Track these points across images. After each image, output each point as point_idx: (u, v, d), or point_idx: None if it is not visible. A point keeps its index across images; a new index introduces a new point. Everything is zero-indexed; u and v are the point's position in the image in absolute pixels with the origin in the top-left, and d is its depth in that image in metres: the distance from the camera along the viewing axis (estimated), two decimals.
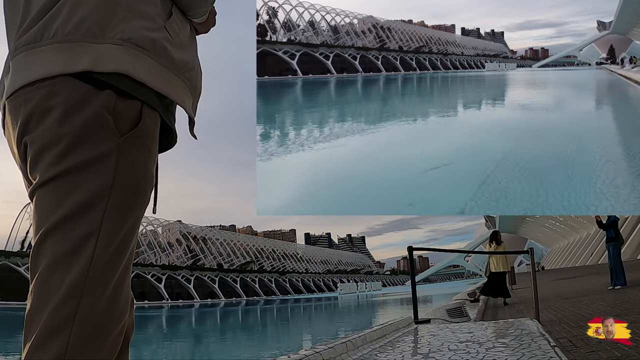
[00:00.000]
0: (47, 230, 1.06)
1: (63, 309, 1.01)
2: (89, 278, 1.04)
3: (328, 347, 3.29)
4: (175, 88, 1.20)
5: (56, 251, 1.05)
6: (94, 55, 1.09)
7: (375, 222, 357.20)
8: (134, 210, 1.12)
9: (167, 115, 1.21)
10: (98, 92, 1.09)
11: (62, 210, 1.06)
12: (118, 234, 1.08)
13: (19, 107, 1.11)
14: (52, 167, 1.07)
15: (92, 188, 1.06)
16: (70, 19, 1.11)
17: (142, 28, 1.15)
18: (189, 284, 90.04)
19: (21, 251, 78.99)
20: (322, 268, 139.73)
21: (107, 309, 1.05)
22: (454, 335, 4.24)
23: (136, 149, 1.12)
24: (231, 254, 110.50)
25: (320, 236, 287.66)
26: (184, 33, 1.25)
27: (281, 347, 12.07)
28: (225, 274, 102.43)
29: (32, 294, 1.05)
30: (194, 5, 1.27)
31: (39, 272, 1.05)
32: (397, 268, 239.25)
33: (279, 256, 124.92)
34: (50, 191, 1.07)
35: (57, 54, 1.09)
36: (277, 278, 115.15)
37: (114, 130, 1.09)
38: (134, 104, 1.12)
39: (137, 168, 1.12)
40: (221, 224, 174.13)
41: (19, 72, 1.12)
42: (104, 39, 1.11)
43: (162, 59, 1.17)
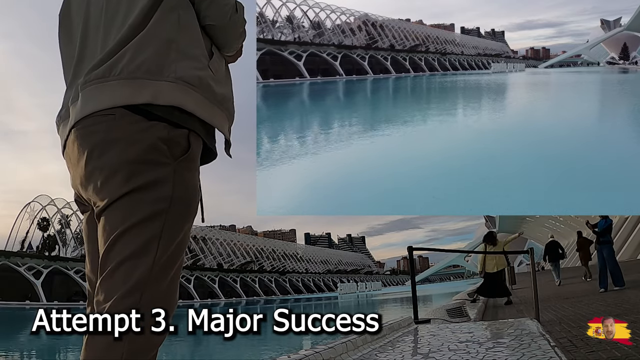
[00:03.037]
0: (118, 235, 1.26)
1: (130, 297, 1.22)
2: (152, 274, 1.24)
3: (328, 347, 3.29)
4: (216, 117, 1.42)
5: (125, 252, 1.24)
6: (153, 90, 1.31)
7: (376, 222, 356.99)
8: (188, 220, 1.34)
9: (209, 138, 1.43)
10: (153, 124, 1.29)
11: (129, 221, 1.25)
12: (175, 239, 1.30)
13: (85, 137, 1.31)
14: (119, 189, 1.27)
15: (154, 203, 1.27)
16: (133, 60, 1.32)
17: (190, 68, 1.36)
18: (189, 284, 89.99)
19: (21, 251, 78.97)
20: (322, 268, 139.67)
21: (164, 300, 1.27)
22: (454, 335, 4.24)
23: (187, 170, 1.33)
24: (231, 254, 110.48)
25: (320, 236, 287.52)
26: (221, 69, 1.48)
27: (281, 347, 12.06)
28: (225, 274, 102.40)
29: (102, 286, 1.25)
30: (229, 44, 1.50)
31: (109, 269, 1.25)
32: (397, 268, 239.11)
33: (279, 256, 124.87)
34: (118, 207, 1.27)
35: (123, 88, 1.31)
36: (277, 278, 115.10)
37: (169, 156, 1.30)
38: (182, 133, 1.33)
39: (189, 185, 1.34)
40: (221, 224, 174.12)
41: (88, 102, 1.32)
42: (160, 77, 1.32)
43: (207, 93, 1.39)
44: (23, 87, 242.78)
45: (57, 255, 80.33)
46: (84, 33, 1.44)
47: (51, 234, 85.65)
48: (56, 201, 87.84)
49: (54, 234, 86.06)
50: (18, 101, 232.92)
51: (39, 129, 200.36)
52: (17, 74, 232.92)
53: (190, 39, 1.39)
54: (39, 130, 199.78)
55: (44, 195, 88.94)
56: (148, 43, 1.34)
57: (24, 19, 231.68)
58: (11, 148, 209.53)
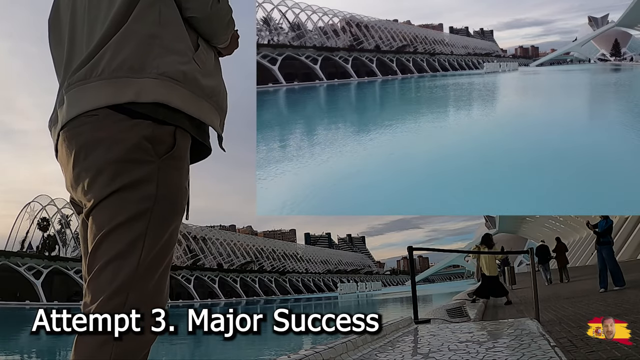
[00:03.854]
0: (103, 235, 1.26)
1: (115, 298, 1.22)
2: (137, 274, 1.24)
3: (328, 347, 3.29)
4: (205, 111, 1.40)
5: (110, 252, 1.24)
6: (136, 88, 1.29)
7: (377, 222, 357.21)
8: (173, 218, 1.32)
9: (200, 133, 1.41)
10: (137, 123, 1.28)
11: (115, 221, 1.25)
12: (161, 238, 1.29)
13: (71, 139, 1.31)
14: (104, 189, 1.26)
15: (139, 202, 1.26)
16: (114, 59, 1.30)
17: (174, 62, 1.34)
18: (189, 284, 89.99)
19: (21, 251, 78.98)
20: (322, 268, 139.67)
21: (151, 300, 1.26)
22: (454, 335, 4.24)
23: (172, 168, 1.32)
24: (231, 254, 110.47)
25: (320, 236, 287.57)
26: (210, 61, 1.45)
27: (281, 347, 12.06)
28: (225, 274, 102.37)
29: (89, 286, 1.26)
30: (216, 35, 1.47)
31: (96, 269, 1.25)
32: (397, 268, 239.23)
33: (279, 256, 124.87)
34: (104, 207, 1.27)
35: (105, 88, 1.29)
36: (277, 278, 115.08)
37: (153, 154, 1.29)
38: (168, 130, 1.32)
39: (174, 184, 1.32)
40: (221, 224, 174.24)
41: (72, 105, 1.32)
42: (143, 74, 1.30)
43: (194, 87, 1.36)
44: (23, 87, 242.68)
45: (57, 255, 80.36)
46: (71, 35, 1.43)
47: (51, 234, 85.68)
48: (56, 201, 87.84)
49: (54, 234, 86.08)
50: (18, 101, 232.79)
51: (39, 129, 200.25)
52: (17, 74, 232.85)
53: (173, 33, 1.36)
54: (39, 130, 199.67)
55: (44, 195, 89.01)
56: (128, 40, 1.32)
57: (23, 17, 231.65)
58: (11, 148, 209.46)
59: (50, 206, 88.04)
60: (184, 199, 1.37)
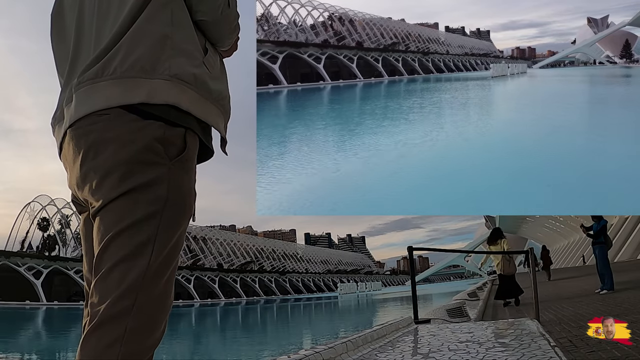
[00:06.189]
0: (112, 236, 1.24)
1: (124, 300, 1.20)
2: (146, 276, 1.23)
3: (328, 347, 3.29)
4: (212, 114, 1.41)
5: (119, 254, 1.23)
6: (147, 89, 1.28)
7: (377, 222, 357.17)
8: (183, 221, 1.32)
9: (205, 136, 1.41)
10: (149, 124, 1.27)
11: (124, 222, 1.24)
12: (170, 241, 1.28)
13: (80, 138, 1.29)
14: (114, 190, 1.25)
15: (149, 204, 1.25)
16: (127, 59, 1.29)
17: (185, 65, 1.34)
18: (189, 284, 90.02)
19: (21, 251, 79.03)
20: (322, 268, 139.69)
21: (159, 302, 1.25)
22: (454, 335, 4.24)
23: (183, 170, 1.32)
24: (231, 254, 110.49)
25: (320, 236, 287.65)
26: (216, 65, 1.46)
27: (281, 346, 12.06)
28: (225, 274, 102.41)
29: (96, 288, 1.23)
30: (222, 39, 1.49)
31: (104, 270, 1.23)
32: (397, 268, 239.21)
33: (279, 256, 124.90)
34: (113, 209, 1.26)
35: (116, 88, 1.28)
36: (277, 278, 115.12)
37: (164, 156, 1.28)
38: (179, 132, 1.31)
39: (185, 187, 1.32)
40: (221, 224, 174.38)
41: (82, 103, 1.30)
42: (154, 74, 1.30)
43: (203, 91, 1.37)
44: (23, 86, 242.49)
45: (57, 255, 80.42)
46: (77, 32, 1.41)
47: (51, 234, 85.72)
48: (56, 201, 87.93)
49: (54, 234, 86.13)
50: (18, 100, 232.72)
51: (39, 128, 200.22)
52: (17, 73, 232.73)
53: (184, 35, 1.36)
54: (39, 129, 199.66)
55: (44, 195, 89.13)
56: (140, 40, 1.31)
57: (22, 15, 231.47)
58: (11, 147, 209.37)
59: (50, 206, 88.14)
60: (193, 202, 1.37)
